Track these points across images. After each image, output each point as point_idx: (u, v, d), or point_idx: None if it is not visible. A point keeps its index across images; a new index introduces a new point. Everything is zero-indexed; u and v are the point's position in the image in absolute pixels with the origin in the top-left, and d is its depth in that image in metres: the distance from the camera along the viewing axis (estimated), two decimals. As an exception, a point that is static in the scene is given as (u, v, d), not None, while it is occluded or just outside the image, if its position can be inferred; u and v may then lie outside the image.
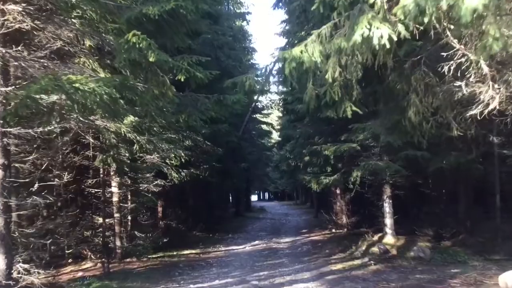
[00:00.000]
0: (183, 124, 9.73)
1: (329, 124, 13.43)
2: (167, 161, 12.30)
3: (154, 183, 12.55)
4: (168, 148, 13.17)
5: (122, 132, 8.11)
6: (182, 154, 13.58)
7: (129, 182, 12.07)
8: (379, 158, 11.66)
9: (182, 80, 7.24)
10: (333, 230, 19.29)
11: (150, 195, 12.68)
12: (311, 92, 6.52)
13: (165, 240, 13.81)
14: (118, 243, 11.45)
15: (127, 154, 11.84)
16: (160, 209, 16.85)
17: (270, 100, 27.39)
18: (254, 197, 76.14)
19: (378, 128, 10.97)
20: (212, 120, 13.58)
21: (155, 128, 9.99)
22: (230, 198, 37.15)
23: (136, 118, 8.12)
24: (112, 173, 11.35)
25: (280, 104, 23.34)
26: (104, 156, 9.63)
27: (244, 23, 28.03)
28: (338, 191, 19.48)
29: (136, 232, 12.18)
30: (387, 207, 12.72)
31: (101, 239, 11.26)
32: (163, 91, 6.69)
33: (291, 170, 20.64)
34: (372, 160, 10.92)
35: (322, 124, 13.63)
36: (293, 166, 18.04)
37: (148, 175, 12.89)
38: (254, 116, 34.08)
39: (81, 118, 6.51)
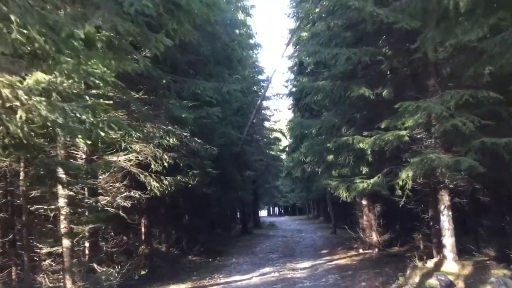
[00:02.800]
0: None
1: (361, 109, 9.99)
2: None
3: (123, 195, 9.17)
4: (144, 145, 9.95)
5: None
6: (164, 156, 10.31)
7: (86, 194, 8.70)
8: (436, 151, 8.16)
9: None
10: (360, 250, 15.66)
11: (120, 211, 9.26)
12: None
13: (143, 273, 10.33)
14: (69, 285, 7.93)
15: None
16: (143, 229, 13.39)
17: (277, 95, 23.78)
18: (263, 212, 72.93)
19: (437, 107, 7.52)
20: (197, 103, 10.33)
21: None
22: (238, 213, 33.56)
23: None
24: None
25: (291, 103, 19.83)
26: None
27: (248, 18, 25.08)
28: (364, 202, 15.93)
29: (95, 265, 8.69)
30: (445, 221, 9.14)
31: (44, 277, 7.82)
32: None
33: (307, 176, 17.08)
34: (432, 154, 7.41)
35: (351, 109, 10.20)
36: (309, 172, 14.53)
37: (117, 184, 9.55)
38: (261, 118, 30.88)
39: None
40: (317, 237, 23.88)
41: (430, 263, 9.84)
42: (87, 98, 4.89)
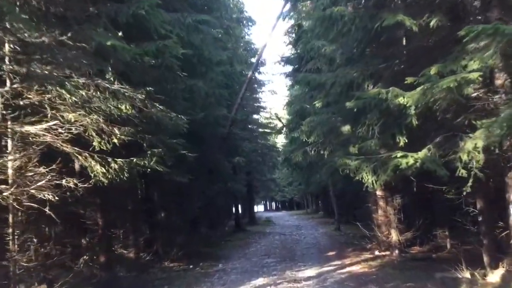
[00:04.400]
0: None
1: (390, 58, 6.97)
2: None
3: (45, 180, 6.15)
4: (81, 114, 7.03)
5: None
6: (115, 130, 7.36)
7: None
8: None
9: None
10: (376, 253, 12.74)
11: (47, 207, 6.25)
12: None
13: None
14: None
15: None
16: (101, 231, 10.36)
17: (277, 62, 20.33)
18: (260, 208, 70.25)
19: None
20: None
21: None
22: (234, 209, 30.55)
23: None
24: None
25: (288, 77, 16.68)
26: None
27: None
28: (380, 193, 13.00)
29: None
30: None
31: None
32: None
33: (308, 163, 14.09)
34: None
35: (375, 60, 7.16)
36: (313, 156, 11.55)
37: (40, 169, 6.54)
38: (256, 106, 28.01)
39: None
40: (320, 235, 20.96)
41: (494, 276, 6.89)
42: None
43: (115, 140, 7.45)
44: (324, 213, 38.99)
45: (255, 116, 29.69)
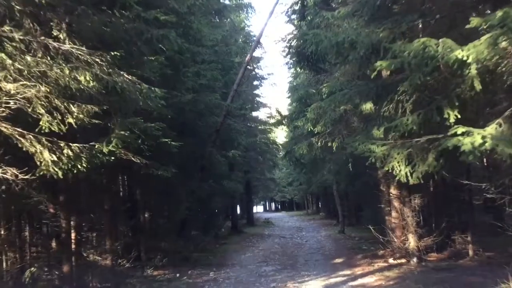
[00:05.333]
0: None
1: (427, 13, 5.33)
2: None
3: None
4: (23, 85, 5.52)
5: None
6: (71, 108, 5.83)
7: None
8: None
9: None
10: (391, 260, 11.10)
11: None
12: None
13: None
14: None
15: None
16: (72, 234, 8.71)
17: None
18: (259, 208, 68.59)
19: None
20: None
21: None
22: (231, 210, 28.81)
23: None
24: None
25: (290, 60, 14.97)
26: None
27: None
28: (394, 191, 11.40)
29: None
30: None
31: None
32: None
33: (313, 158, 12.46)
34: None
35: (406, 17, 5.48)
36: (319, 148, 9.95)
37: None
38: (256, 101, 26.43)
39: None
40: (323, 238, 19.31)
41: None
42: None
43: (71, 120, 5.82)
44: (325, 214, 37.44)
45: (255, 113, 28.22)
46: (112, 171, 10.47)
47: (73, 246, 8.44)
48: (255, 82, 27.41)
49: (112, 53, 5.58)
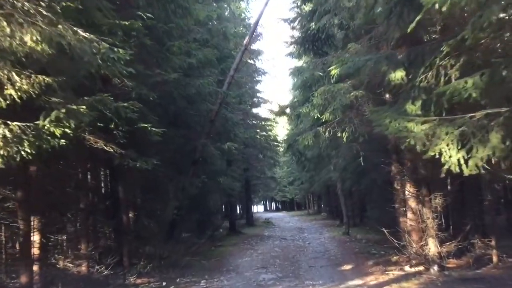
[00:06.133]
0: None
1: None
2: None
3: None
4: None
5: None
6: (14, 77, 4.49)
7: None
8: None
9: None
10: (407, 268, 9.75)
11: None
12: None
13: None
14: None
15: None
16: (36, 237, 7.37)
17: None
18: (259, 208, 67.33)
19: None
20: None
21: None
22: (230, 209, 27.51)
23: None
24: None
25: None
26: None
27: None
28: (411, 189, 10.07)
29: None
30: None
31: None
32: None
33: (318, 155, 11.10)
34: None
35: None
36: (328, 138, 8.61)
37: None
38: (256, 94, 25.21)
39: None
40: (327, 240, 17.96)
41: None
42: None
43: (12, 92, 4.50)
44: (327, 215, 36.16)
45: (255, 110, 26.95)
46: (88, 163, 9.17)
47: (35, 251, 7.13)
48: (257, 78, 26.17)
49: (64, 4, 4.25)
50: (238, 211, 36.85)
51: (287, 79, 59.16)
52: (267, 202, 71.22)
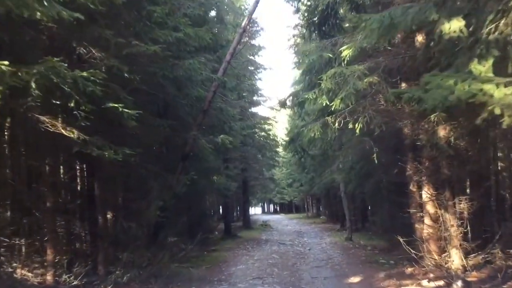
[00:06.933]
0: None
1: None
2: None
3: None
4: None
5: None
6: None
7: None
8: None
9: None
10: (425, 283, 8.45)
11: None
12: None
13: None
14: None
15: None
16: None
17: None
18: (257, 210, 66.06)
19: None
20: None
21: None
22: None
23: None
24: None
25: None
26: None
27: None
28: (428, 192, 8.81)
29: None
30: None
31: None
32: None
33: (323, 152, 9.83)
34: None
35: None
36: (336, 130, 7.36)
37: None
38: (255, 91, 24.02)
39: None
40: (329, 246, 16.67)
41: None
42: None
43: None
44: (327, 218, 34.91)
45: (255, 109, 25.72)
46: (59, 154, 7.89)
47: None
48: (257, 76, 25.00)
49: None
50: (235, 213, 35.58)
51: (289, 75, 57.86)
52: (265, 204, 69.99)
